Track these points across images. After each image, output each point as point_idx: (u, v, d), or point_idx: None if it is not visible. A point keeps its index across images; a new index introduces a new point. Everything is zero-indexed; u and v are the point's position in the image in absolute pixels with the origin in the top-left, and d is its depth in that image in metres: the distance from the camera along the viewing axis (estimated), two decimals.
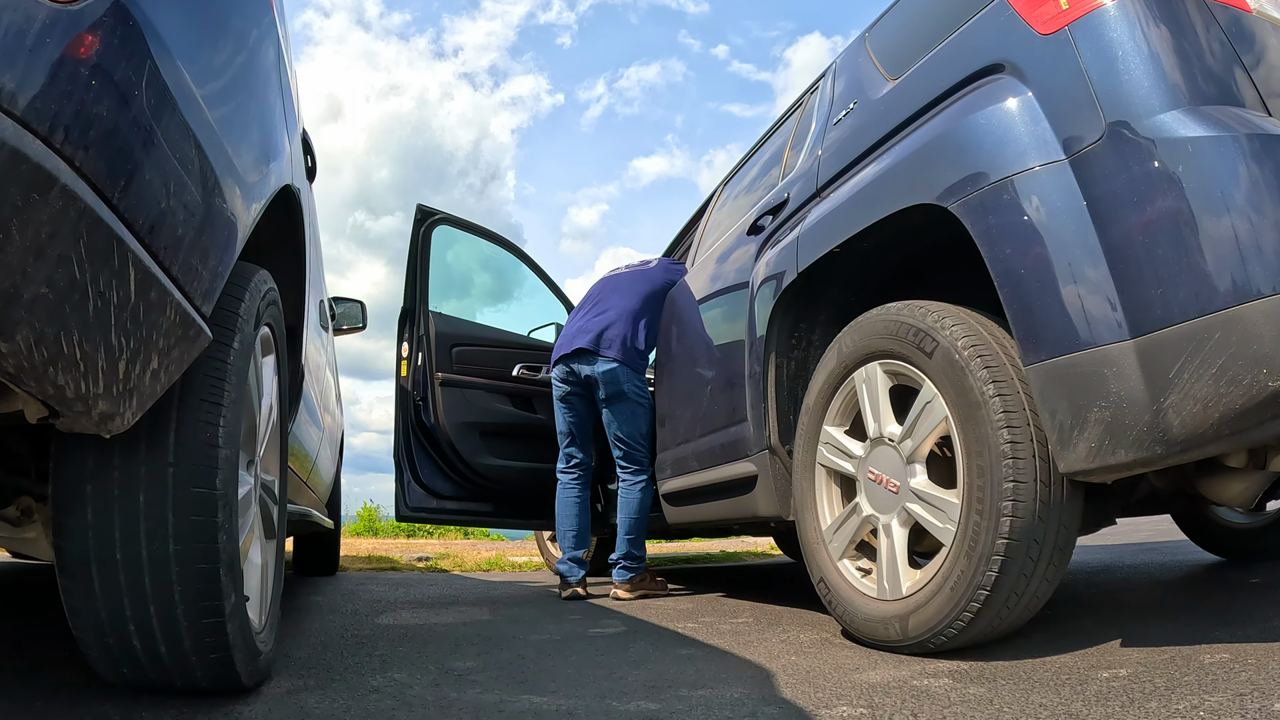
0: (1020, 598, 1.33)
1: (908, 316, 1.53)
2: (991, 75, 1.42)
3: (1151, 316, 1.11)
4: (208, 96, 0.87)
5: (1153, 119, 1.14)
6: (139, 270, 0.72)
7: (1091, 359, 1.18)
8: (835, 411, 1.77)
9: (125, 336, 0.73)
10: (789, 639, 1.77)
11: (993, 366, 1.35)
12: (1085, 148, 1.21)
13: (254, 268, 1.24)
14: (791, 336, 2.06)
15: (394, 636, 1.94)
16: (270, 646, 1.32)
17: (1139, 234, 1.13)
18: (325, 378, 2.72)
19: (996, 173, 1.33)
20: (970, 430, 1.36)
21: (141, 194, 0.72)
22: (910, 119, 1.64)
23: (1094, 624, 1.64)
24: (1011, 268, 1.29)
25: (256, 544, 1.33)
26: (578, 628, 2.08)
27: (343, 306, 3.77)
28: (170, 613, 1.00)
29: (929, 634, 1.41)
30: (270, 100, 1.23)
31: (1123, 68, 1.19)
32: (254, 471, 1.29)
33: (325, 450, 2.83)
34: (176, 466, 0.97)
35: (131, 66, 0.69)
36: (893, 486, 1.56)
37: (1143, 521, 4.81)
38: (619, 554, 2.85)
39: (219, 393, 1.03)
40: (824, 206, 1.90)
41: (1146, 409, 1.12)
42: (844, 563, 1.70)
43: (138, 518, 0.96)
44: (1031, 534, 1.29)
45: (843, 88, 2.11)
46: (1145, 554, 3.19)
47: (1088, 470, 1.21)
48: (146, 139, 0.72)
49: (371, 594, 3.04)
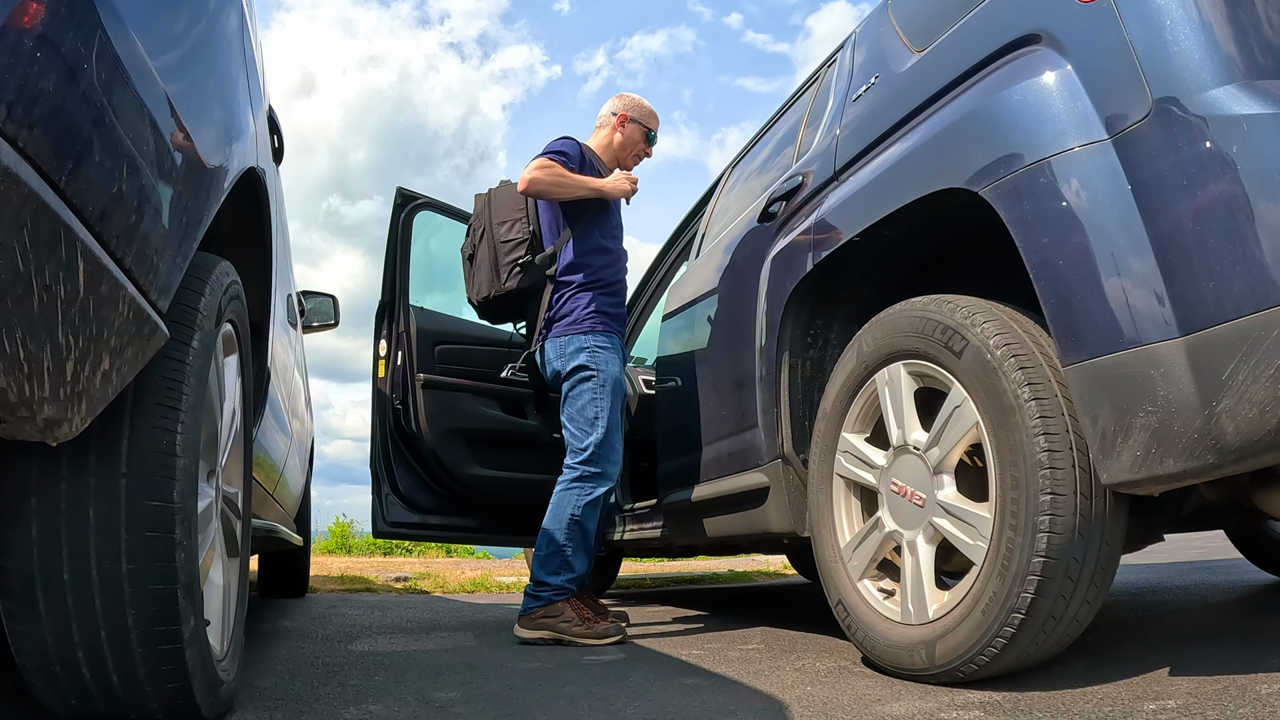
0: (1058, 622, 1.33)
1: (935, 312, 1.53)
2: (1027, 47, 1.42)
3: (1203, 312, 1.11)
4: (163, 70, 0.87)
5: (1204, 95, 1.14)
6: (89, 261, 0.72)
7: (1137, 359, 1.18)
8: (855, 417, 1.77)
9: (73, 334, 0.73)
10: (804, 667, 1.77)
11: (1028, 367, 1.35)
12: (1130, 127, 1.21)
13: (215, 259, 1.24)
14: (807, 335, 2.06)
15: (369, 665, 1.94)
16: (233, 675, 1.32)
17: (1189, 221, 1.12)
18: (294, 379, 2.72)
19: (1032, 154, 1.33)
20: (1003, 437, 1.36)
21: (91, 178, 0.72)
22: (937, 95, 1.64)
23: (1140, 651, 1.64)
24: (1049, 258, 1.29)
25: (218, 563, 1.33)
26: (571, 655, 2.09)
27: (313, 301, 3.77)
28: (123, 639, 1.00)
29: (958, 662, 1.41)
30: (233, 73, 1.23)
31: (1171, 38, 1.19)
32: (215, 483, 1.29)
33: (294, 460, 2.83)
34: (130, 478, 0.97)
35: (80, 37, 0.69)
36: (918, 499, 1.56)
37: (1193, 538, 4.81)
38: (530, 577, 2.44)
39: (177, 396, 1.03)
40: (842, 191, 1.90)
41: (1197, 414, 1.12)
42: (864, 583, 1.70)
43: (87, 534, 0.96)
44: (1071, 551, 1.29)
45: (863, 60, 2.11)
46: (1196, 573, 3.19)
47: (1133, 481, 1.21)
48: (97, 117, 0.72)
49: (344, 618, 3.04)
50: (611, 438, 2.46)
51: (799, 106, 2.59)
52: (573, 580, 2.38)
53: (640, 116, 2.76)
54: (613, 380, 2.50)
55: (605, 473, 2.45)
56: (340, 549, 9.14)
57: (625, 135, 2.75)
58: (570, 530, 2.39)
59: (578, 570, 2.40)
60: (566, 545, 2.38)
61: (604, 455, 2.44)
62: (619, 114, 2.76)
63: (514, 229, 2.63)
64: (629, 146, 2.75)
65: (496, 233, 2.64)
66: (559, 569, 2.37)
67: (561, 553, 2.38)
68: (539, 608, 2.34)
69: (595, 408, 2.46)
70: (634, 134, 2.75)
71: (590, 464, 2.44)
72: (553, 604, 2.34)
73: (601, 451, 2.44)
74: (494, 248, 2.64)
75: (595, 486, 2.43)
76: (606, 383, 2.48)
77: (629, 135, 2.75)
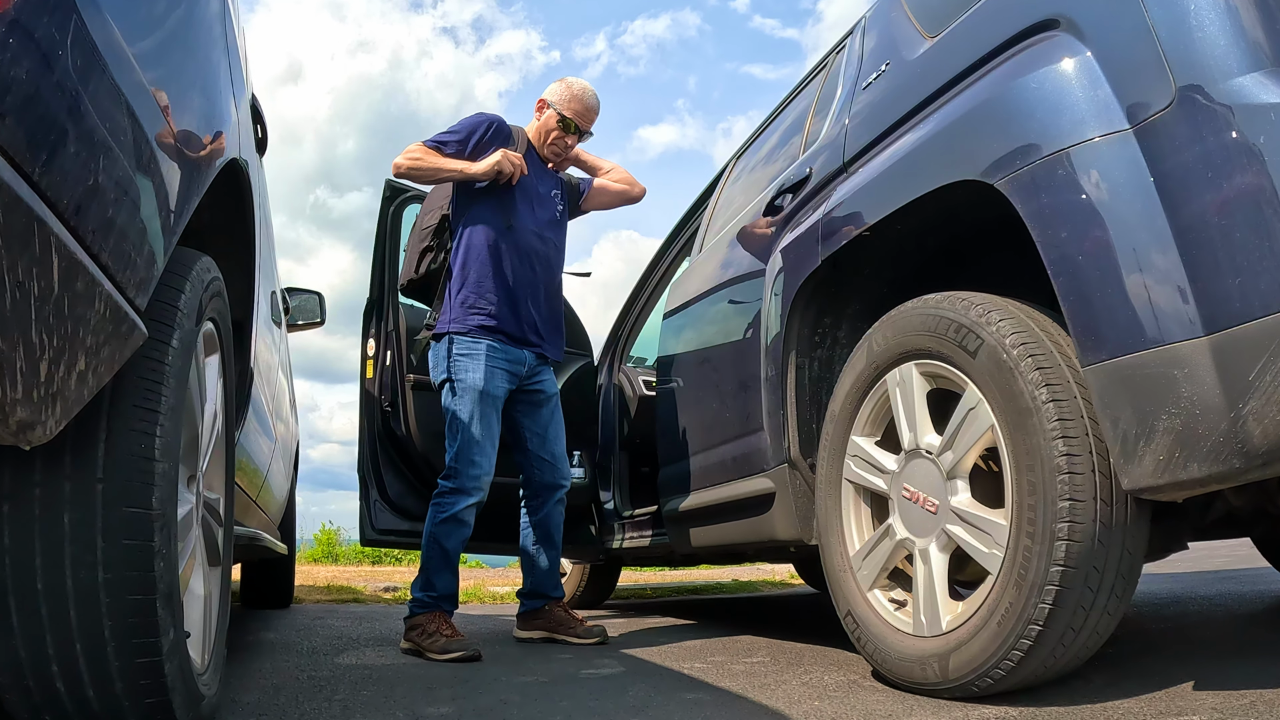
0: (1077, 633, 1.33)
1: (948, 310, 1.53)
2: (1045, 32, 1.42)
3: (1229, 310, 1.11)
4: (141, 56, 0.87)
5: (1230, 83, 1.14)
6: (63, 257, 0.72)
7: (1159, 359, 1.18)
8: (864, 419, 1.77)
9: (47, 333, 0.73)
10: (811, 681, 1.77)
11: (1046, 368, 1.35)
12: (1152, 116, 1.21)
13: (196, 254, 1.24)
14: (814, 333, 2.06)
15: (357, 678, 1.94)
16: (215, 690, 1.32)
17: (1214, 215, 1.12)
18: (278, 380, 2.72)
19: (1050, 145, 1.33)
20: (1020, 441, 1.36)
21: (66, 169, 0.72)
22: (951, 82, 1.64)
23: (1162, 664, 1.64)
24: (1067, 254, 1.29)
25: (199, 572, 1.33)
26: (568, 668, 2.09)
27: (298, 299, 3.77)
28: (99, 651, 0.99)
29: (972, 675, 1.41)
30: (214, 60, 1.23)
31: (1196, 24, 1.19)
32: (196, 489, 1.29)
33: (278, 464, 2.83)
34: (106, 483, 0.97)
35: (55, 21, 0.69)
36: (930, 506, 1.56)
37: (1218, 546, 4.81)
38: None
39: (156, 398, 1.03)
40: (852, 183, 1.90)
41: (1223, 416, 1.12)
42: (875, 593, 1.70)
43: (62, 542, 0.96)
44: (1090, 560, 1.29)
45: (873, 46, 2.11)
46: (1221, 583, 3.19)
47: (1155, 487, 1.21)
48: (72, 105, 0.72)
49: (331, 629, 3.05)
50: (470, 451, 2.47)
51: (806, 94, 2.59)
52: (435, 597, 2.47)
53: (558, 102, 2.73)
54: (465, 390, 2.50)
55: (462, 488, 2.47)
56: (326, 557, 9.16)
57: (542, 122, 2.74)
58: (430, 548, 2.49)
59: (437, 589, 2.48)
60: (427, 564, 2.50)
61: (461, 470, 2.47)
62: (540, 98, 2.78)
63: (429, 216, 2.74)
64: (545, 134, 2.73)
65: (421, 220, 2.79)
66: (423, 586, 2.49)
67: (424, 571, 2.50)
68: (407, 619, 2.48)
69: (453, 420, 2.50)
70: (549, 121, 2.73)
71: (447, 479, 2.50)
72: (414, 616, 2.45)
73: (457, 466, 2.47)
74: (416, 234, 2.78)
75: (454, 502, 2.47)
76: (460, 393, 2.50)
77: (545, 122, 2.74)
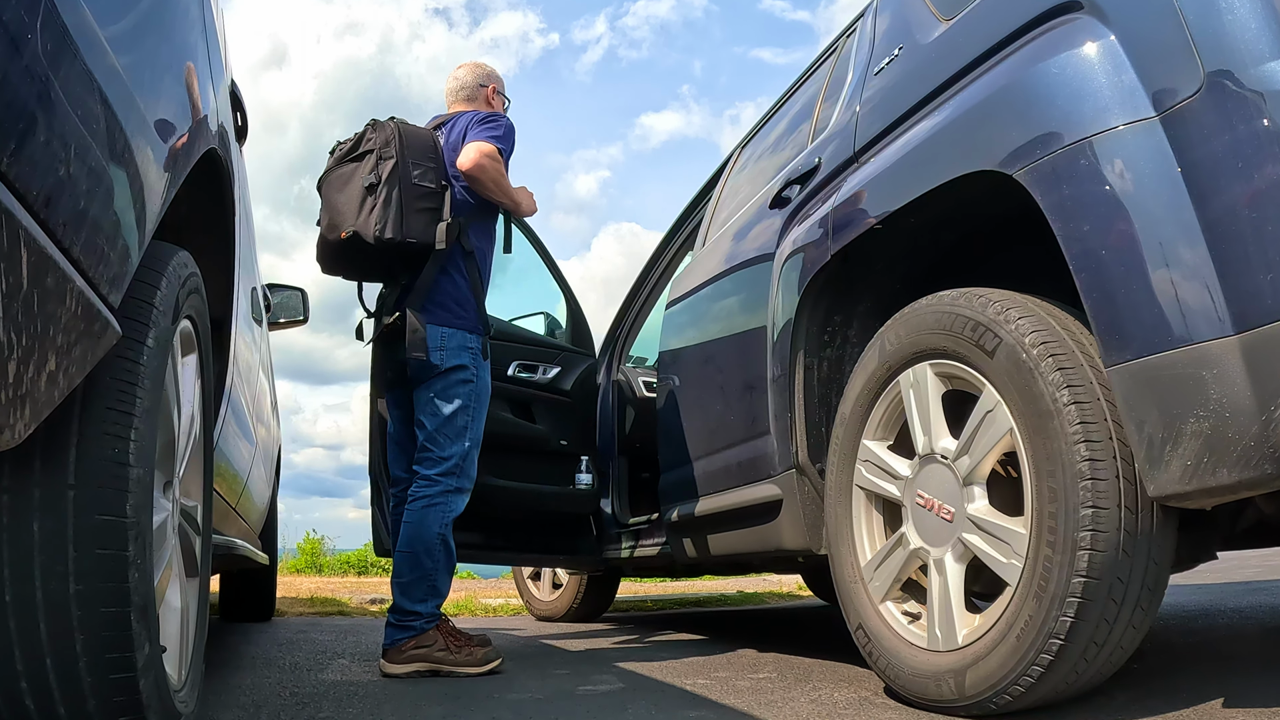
0: (1100, 648, 1.33)
1: (964, 308, 1.53)
2: (1067, 15, 1.42)
3: (1260, 308, 1.11)
4: (114, 39, 0.87)
5: (1262, 68, 1.14)
6: (32, 251, 0.72)
7: (1187, 359, 1.18)
8: (876, 422, 1.77)
9: (16, 332, 0.73)
10: (820, 698, 1.77)
11: (1067, 368, 1.35)
12: (1180, 103, 1.21)
13: (172, 248, 1.24)
14: (823, 332, 2.06)
15: (341, 695, 1.94)
16: (192, 707, 1.32)
17: (1245, 207, 1.13)
18: (258, 381, 2.72)
19: (1072, 133, 1.33)
20: (1040, 445, 1.36)
21: (36, 159, 0.72)
22: (968, 68, 1.64)
23: (1190, 680, 1.64)
24: (1090, 248, 1.29)
25: (175, 583, 1.33)
26: (565, 684, 2.09)
27: (280, 295, 3.76)
28: (70, 666, 0.99)
29: (990, 692, 1.41)
30: (191, 43, 1.23)
31: (1225, 6, 1.19)
32: (172, 496, 1.29)
33: (258, 469, 2.83)
34: (78, 489, 0.97)
35: (23, 3, 0.69)
36: (946, 513, 1.56)
37: (1249, 555, 4.81)
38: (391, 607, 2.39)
39: (130, 400, 1.03)
40: (863, 173, 1.90)
41: (1254, 419, 1.12)
42: (887, 605, 1.70)
43: (31, 551, 0.96)
44: (1114, 571, 1.29)
45: (886, 29, 2.11)
46: (1252, 595, 3.19)
47: (1182, 493, 1.21)
48: (42, 92, 0.72)
49: (315, 643, 3.04)
50: (473, 453, 2.48)
51: (816, 80, 2.59)
52: (440, 605, 2.40)
53: (504, 90, 2.73)
54: (485, 391, 2.52)
55: (464, 488, 2.46)
56: (310, 568, 9.14)
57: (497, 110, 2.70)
58: (436, 552, 2.37)
59: (444, 594, 2.42)
60: (433, 570, 2.36)
61: (465, 470, 2.46)
62: (490, 85, 2.72)
63: (426, 176, 2.48)
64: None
65: (410, 173, 2.44)
66: (426, 595, 2.35)
67: (428, 578, 2.36)
68: (408, 639, 2.30)
69: (466, 416, 2.47)
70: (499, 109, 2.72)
71: (452, 476, 2.43)
72: (424, 633, 2.32)
73: (464, 465, 2.46)
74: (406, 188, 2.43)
75: (459, 501, 2.44)
76: (480, 393, 2.51)
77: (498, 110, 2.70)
